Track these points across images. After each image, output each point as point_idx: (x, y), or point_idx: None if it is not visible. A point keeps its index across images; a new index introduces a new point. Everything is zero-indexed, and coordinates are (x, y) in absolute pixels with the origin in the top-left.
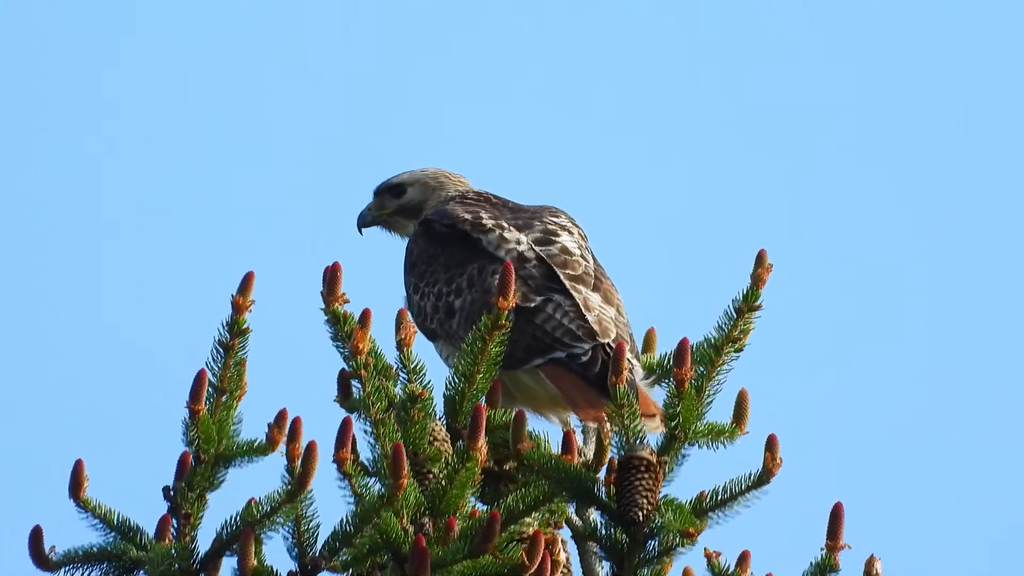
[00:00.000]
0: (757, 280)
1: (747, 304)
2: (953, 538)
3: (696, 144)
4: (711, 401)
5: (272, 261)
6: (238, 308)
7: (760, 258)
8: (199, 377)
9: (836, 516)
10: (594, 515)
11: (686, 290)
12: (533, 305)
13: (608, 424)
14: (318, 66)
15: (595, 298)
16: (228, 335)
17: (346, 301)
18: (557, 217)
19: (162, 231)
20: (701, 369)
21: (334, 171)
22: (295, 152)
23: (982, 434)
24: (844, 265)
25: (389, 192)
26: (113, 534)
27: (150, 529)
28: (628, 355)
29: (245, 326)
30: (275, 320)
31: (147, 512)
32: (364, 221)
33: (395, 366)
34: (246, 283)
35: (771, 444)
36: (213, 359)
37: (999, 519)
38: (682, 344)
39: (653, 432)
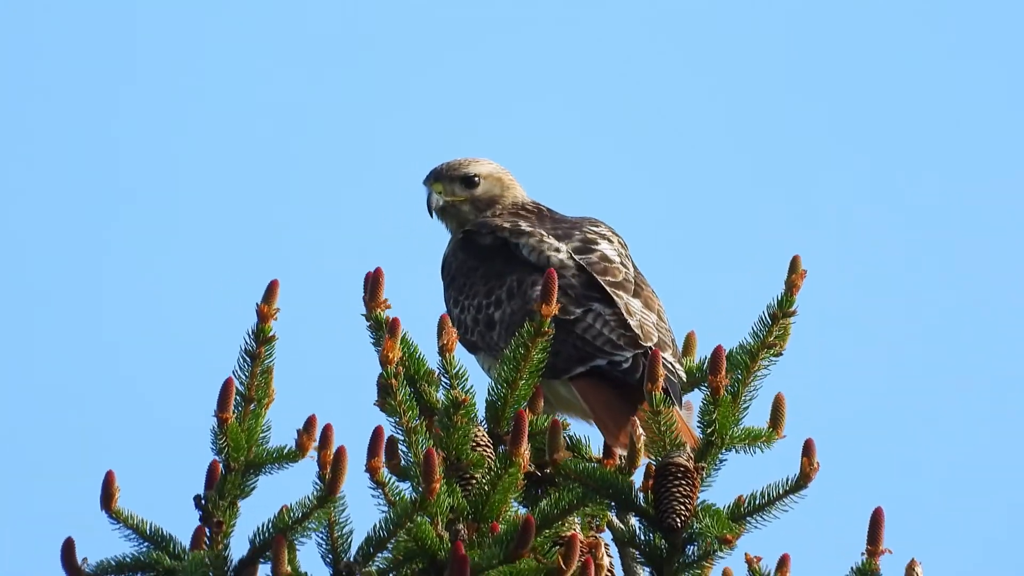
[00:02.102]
0: (791, 286)
1: (781, 310)
2: (994, 541)
3: (696, 146)
4: (748, 407)
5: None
6: (263, 316)
7: (794, 264)
8: (226, 385)
9: (876, 521)
10: (633, 520)
11: (714, 292)
12: (572, 317)
13: (640, 428)
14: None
15: (636, 304)
16: (254, 343)
17: (388, 307)
18: (597, 227)
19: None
20: (738, 374)
21: (340, 170)
22: (304, 150)
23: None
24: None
25: (460, 180)
26: (146, 544)
27: (182, 538)
28: (672, 360)
29: (271, 334)
30: (307, 323)
31: (178, 521)
32: (437, 204)
33: (437, 371)
34: (271, 291)
35: (808, 449)
36: (240, 368)
37: None
38: (716, 351)
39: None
